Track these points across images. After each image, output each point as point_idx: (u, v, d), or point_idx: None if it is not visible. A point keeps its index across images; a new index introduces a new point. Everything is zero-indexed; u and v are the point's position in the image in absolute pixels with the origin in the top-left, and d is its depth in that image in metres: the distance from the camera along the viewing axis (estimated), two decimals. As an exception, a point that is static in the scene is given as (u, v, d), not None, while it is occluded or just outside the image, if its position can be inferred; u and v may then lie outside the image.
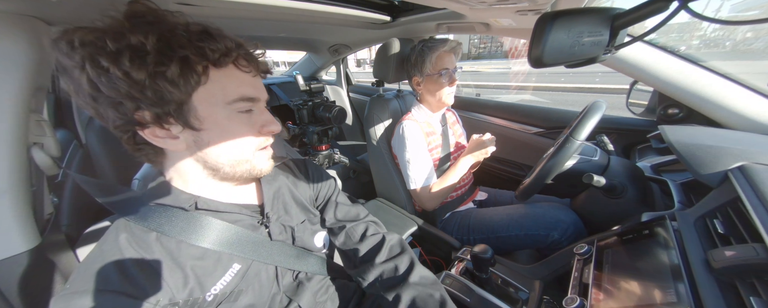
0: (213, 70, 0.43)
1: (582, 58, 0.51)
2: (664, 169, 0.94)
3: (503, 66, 14.32)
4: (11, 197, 0.57)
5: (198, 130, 0.45)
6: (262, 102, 0.51)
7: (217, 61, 0.43)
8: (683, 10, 0.38)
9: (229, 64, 0.45)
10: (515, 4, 0.71)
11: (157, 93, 0.40)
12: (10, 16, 0.57)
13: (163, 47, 0.39)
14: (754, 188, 0.52)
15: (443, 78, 1.08)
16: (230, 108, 0.46)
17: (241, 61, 0.46)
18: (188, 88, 0.42)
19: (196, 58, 0.41)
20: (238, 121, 0.47)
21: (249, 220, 0.56)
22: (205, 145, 0.46)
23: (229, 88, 0.45)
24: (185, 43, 0.40)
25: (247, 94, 0.47)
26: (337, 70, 2.52)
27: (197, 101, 0.43)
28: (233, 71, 0.45)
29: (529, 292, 0.77)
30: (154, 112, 0.42)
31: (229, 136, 0.47)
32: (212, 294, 0.48)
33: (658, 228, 0.60)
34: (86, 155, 1.45)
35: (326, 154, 1.52)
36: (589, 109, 0.83)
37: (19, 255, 0.58)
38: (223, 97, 0.45)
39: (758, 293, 0.41)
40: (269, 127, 0.50)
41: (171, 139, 0.45)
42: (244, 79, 0.47)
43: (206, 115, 0.44)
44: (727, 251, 0.46)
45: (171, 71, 0.39)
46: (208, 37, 0.42)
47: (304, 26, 1.50)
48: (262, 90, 0.51)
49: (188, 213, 0.48)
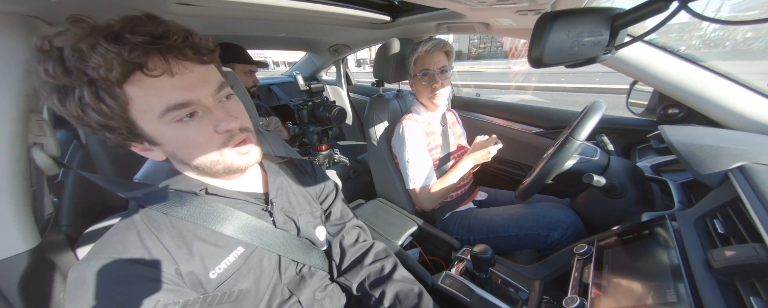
0: (125, 86, 0.38)
1: (582, 58, 0.51)
2: (664, 169, 0.94)
3: (503, 66, 14.32)
4: (11, 197, 0.57)
5: (158, 144, 0.44)
6: (205, 98, 0.43)
7: (115, 79, 0.36)
8: (683, 10, 0.38)
9: (132, 74, 0.37)
10: (515, 4, 0.71)
11: (98, 122, 0.39)
12: (10, 16, 0.57)
13: (71, 78, 0.36)
14: (754, 188, 0.52)
15: (423, 79, 1.10)
16: (166, 119, 0.41)
17: (147, 65, 0.38)
18: (114, 111, 0.38)
19: (99, 80, 0.36)
20: (183, 131, 0.43)
21: (254, 207, 0.58)
22: (172, 154, 0.46)
23: (150, 101, 0.39)
24: (78, 66, 0.35)
25: (173, 102, 0.40)
26: (337, 70, 2.52)
27: (136, 120, 0.41)
28: (143, 80, 0.38)
29: (529, 292, 0.77)
30: (114, 136, 0.42)
31: (184, 145, 0.45)
32: (216, 273, 0.49)
33: (658, 228, 0.60)
34: (86, 155, 1.45)
35: (326, 154, 1.52)
36: (589, 109, 0.83)
37: (19, 255, 0.58)
38: (151, 113, 0.40)
39: (758, 293, 0.41)
40: (222, 127, 0.45)
41: (150, 152, 0.46)
42: (161, 85, 0.39)
43: (152, 131, 0.42)
44: (727, 251, 0.46)
45: (87, 99, 0.37)
46: (91, 52, 0.35)
47: (304, 26, 1.50)
48: (198, 85, 0.42)
49: (198, 197, 0.51)
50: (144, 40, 0.37)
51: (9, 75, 0.56)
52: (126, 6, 0.80)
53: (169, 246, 0.46)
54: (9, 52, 0.56)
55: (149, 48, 0.38)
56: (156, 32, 0.38)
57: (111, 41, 0.35)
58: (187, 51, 0.41)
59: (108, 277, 0.41)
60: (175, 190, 0.51)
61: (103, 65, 0.35)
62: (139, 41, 0.37)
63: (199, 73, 0.43)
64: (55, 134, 0.67)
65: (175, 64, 0.40)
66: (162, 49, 0.39)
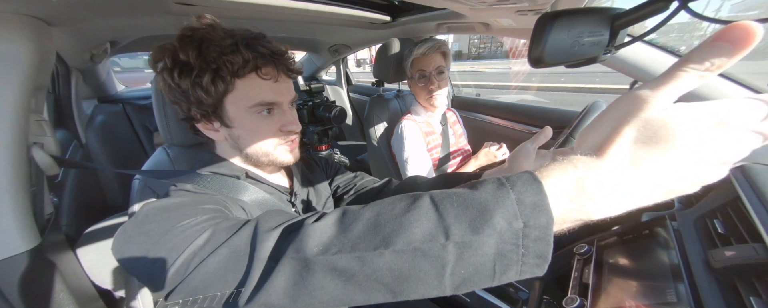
0: (237, 80, 0.50)
1: (582, 58, 0.51)
2: (664, 169, 0.94)
3: (503, 66, 14.32)
4: (11, 197, 0.57)
5: (230, 127, 0.55)
6: (285, 104, 0.57)
7: (236, 72, 0.49)
8: (683, 10, 0.38)
9: (249, 73, 0.51)
10: (515, 4, 0.71)
11: (197, 98, 0.50)
12: (10, 16, 0.57)
13: (201, 62, 0.47)
14: (754, 188, 0.52)
15: (420, 81, 1.11)
16: (252, 111, 0.53)
17: (262, 69, 0.51)
18: (218, 94, 0.50)
19: (224, 69, 0.48)
20: (259, 122, 0.55)
21: (281, 196, 0.65)
22: (236, 138, 0.56)
23: (250, 94, 0.52)
24: (216, 57, 0.47)
25: (265, 100, 0.53)
26: (337, 70, 2.52)
27: (227, 104, 0.52)
28: (254, 79, 0.52)
29: (529, 292, 0.77)
30: (199, 111, 0.52)
31: (252, 133, 0.56)
32: None
33: (658, 228, 0.60)
34: (86, 155, 1.45)
35: (326, 154, 1.52)
36: (589, 109, 0.83)
37: (19, 255, 0.58)
38: (246, 102, 0.52)
39: (758, 293, 0.41)
40: (288, 127, 0.58)
41: (213, 132, 0.56)
42: (264, 86, 0.53)
43: (234, 116, 0.53)
44: (727, 251, 0.46)
45: (204, 81, 0.48)
46: (233, 50, 0.48)
47: (304, 26, 1.50)
48: (285, 93, 0.56)
49: (239, 181, 0.58)
50: (267, 52, 0.51)
51: (9, 75, 0.56)
52: (126, 6, 0.80)
53: (227, 203, 0.51)
54: (9, 52, 0.56)
55: (269, 59, 0.51)
56: (275, 49, 0.52)
57: (246, 47, 0.48)
58: (287, 67, 0.55)
59: (192, 202, 0.44)
60: (219, 174, 0.57)
61: (238, 63, 0.48)
62: (265, 52, 0.50)
63: (287, 84, 0.57)
64: (55, 134, 0.67)
65: (278, 74, 0.54)
66: (276, 61, 0.53)
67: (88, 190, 1.22)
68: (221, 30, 0.49)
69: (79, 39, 1.07)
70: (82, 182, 1.19)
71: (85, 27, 0.93)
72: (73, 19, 0.78)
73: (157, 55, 0.50)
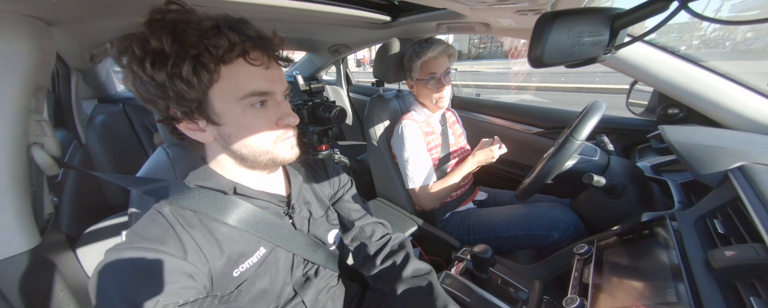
0: (223, 67, 0.44)
1: (582, 58, 0.51)
2: (664, 169, 0.94)
3: (503, 66, 14.30)
4: (11, 197, 0.57)
5: (219, 125, 0.47)
6: (278, 94, 0.50)
7: (222, 57, 0.42)
8: (683, 10, 0.38)
9: (236, 58, 0.44)
10: (515, 4, 0.70)
11: (177, 92, 0.42)
12: (10, 16, 0.57)
13: (179, 48, 0.40)
14: (754, 188, 0.52)
15: (430, 83, 1.09)
16: (243, 103, 0.46)
17: (250, 54, 0.45)
18: (202, 86, 0.43)
19: (206, 55, 0.41)
20: (252, 116, 0.48)
21: (276, 209, 0.59)
22: (227, 137, 0.49)
23: (240, 84, 0.45)
24: (195, 42, 0.40)
25: (258, 89, 0.46)
26: (337, 70, 2.52)
27: (214, 97, 0.45)
28: (242, 66, 0.45)
29: (529, 292, 0.77)
30: (180, 109, 0.45)
31: (246, 130, 0.48)
32: (239, 272, 0.51)
33: (658, 228, 0.60)
34: (86, 155, 1.45)
35: (326, 154, 1.52)
36: (589, 109, 0.83)
37: (19, 255, 0.58)
38: (235, 93, 0.45)
39: (758, 293, 0.41)
40: (285, 120, 0.51)
41: (200, 132, 0.49)
42: (255, 73, 0.46)
43: (222, 110, 0.46)
44: (727, 251, 0.46)
45: (185, 71, 0.41)
46: (216, 33, 0.41)
47: (304, 26, 1.50)
48: (278, 81, 0.50)
49: (227, 196, 0.52)
50: (254, 34, 0.45)
51: (9, 75, 0.56)
52: (126, 6, 0.80)
53: (201, 244, 0.47)
54: (9, 52, 0.56)
55: (257, 42, 0.45)
56: (262, 33, 0.46)
57: (231, 30, 0.42)
58: (277, 52, 0.49)
59: (144, 268, 0.41)
60: (205, 188, 0.51)
61: (223, 47, 0.41)
62: (252, 35, 0.45)
63: (279, 72, 0.51)
64: (55, 134, 0.67)
65: (269, 60, 0.48)
66: (265, 45, 0.46)
67: (88, 190, 1.22)
68: (197, 13, 0.43)
69: (79, 39, 1.07)
70: (82, 182, 1.19)
71: (85, 27, 0.93)
72: (73, 19, 0.78)
73: (121, 45, 0.41)
